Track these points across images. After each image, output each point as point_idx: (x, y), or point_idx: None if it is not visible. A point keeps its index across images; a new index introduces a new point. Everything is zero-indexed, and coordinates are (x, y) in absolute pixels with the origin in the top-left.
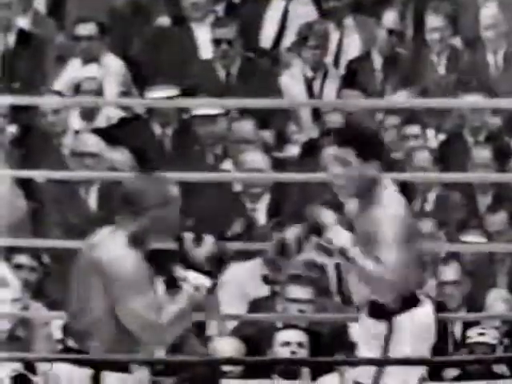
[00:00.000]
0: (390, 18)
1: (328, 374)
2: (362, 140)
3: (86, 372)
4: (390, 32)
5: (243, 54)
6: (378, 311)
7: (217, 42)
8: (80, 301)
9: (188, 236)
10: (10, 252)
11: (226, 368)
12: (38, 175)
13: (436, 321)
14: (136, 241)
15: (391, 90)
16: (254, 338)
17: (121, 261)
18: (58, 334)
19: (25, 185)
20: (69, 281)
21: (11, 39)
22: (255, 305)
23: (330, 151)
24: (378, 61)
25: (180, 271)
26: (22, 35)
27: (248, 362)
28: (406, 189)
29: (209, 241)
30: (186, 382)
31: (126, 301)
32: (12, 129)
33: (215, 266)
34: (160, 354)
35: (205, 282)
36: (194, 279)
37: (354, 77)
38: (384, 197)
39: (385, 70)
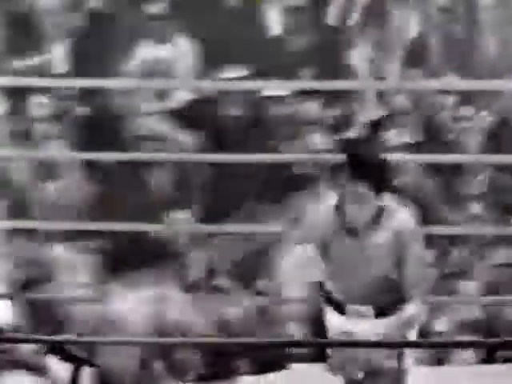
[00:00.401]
0: None
1: None
2: (376, 174)
3: None
4: (441, 10)
5: (314, 29)
6: None
7: (288, 12)
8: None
9: None
10: (79, 235)
11: (293, 351)
12: (108, 157)
13: None
14: None
15: (445, 71)
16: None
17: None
18: None
19: (94, 167)
20: None
21: (83, 19)
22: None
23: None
24: (433, 40)
25: None
26: (94, 15)
27: (314, 345)
28: (457, 170)
29: None
30: (255, 364)
31: None
32: (83, 111)
33: None
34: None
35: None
36: None
37: (412, 56)
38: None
39: (439, 49)
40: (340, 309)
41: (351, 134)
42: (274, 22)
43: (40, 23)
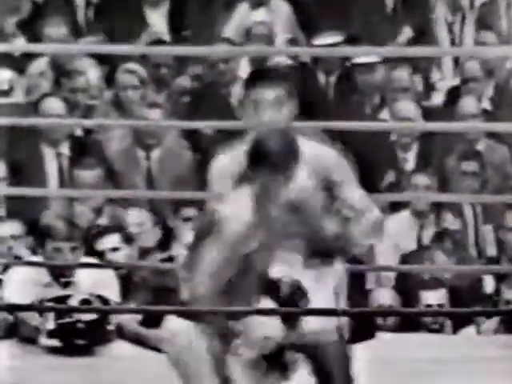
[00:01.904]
0: None
1: (467, 326)
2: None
3: None
4: None
5: None
6: None
7: None
8: None
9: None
10: (177, 205)
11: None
12: (206, 126)
13: None
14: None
15: None
16: (408, 290)
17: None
18: None
19: (192, 136)
20: None
21: None
22: (406, 257)
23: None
24: (502, 3)
25: None
26: None
27: (400, 314)
28: None
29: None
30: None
31: None
32: (182, 80)
33: None
34: None
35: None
36: None
37: (485, 20)
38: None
39: (508, 14)
40: None
41: (433, 101)
42: None
43: None
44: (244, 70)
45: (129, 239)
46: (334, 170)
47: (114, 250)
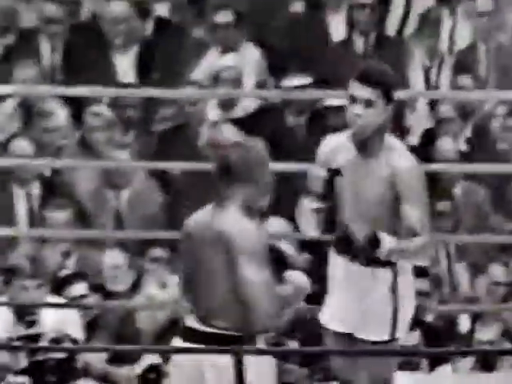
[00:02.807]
0: (483, 1)
1: (443, 364)
2: (387, 81)
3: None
4: (484, 16)
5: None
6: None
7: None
8: (204, 282)
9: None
10: (145, 245)
11: None
12: (175, 167)
13: None
14: (249, 211)
15: (495, 80)
16: None
17: (247, 233)
18: None
19: (160, 177)
20: (190, 262)
21: (149, 27)
22: None
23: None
24: (482, 49)
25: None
26: (161, 23)
27: (377, 353)
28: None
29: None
30: None
31: (250, 273)
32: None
33: None
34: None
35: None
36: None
37: (464, 65)
38: (395, 144)
39: (488, 58)
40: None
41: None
42: (338, 29)
43: (106, 32)
44: (212, 112)
45: (96, 287)
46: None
47: (81, 297)
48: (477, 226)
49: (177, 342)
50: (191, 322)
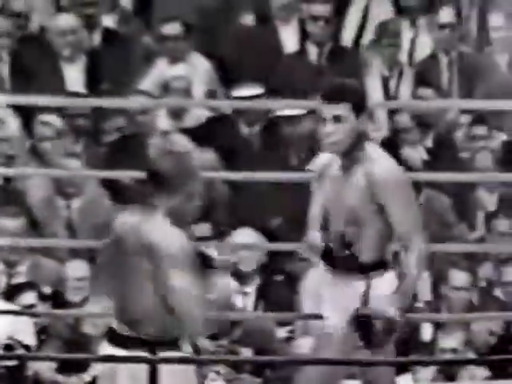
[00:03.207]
0: (445, 13)
1: (402, 373)
2: (355, 95)
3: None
4: (446, 28)
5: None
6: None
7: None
8: (128, 286)
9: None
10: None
11: None
12: (125, 176)
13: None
14: (175, 218)
15: (457, 90)
16: None
17: (171, 239)
18: None
19: (111, 186)
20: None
21: (97, 38)
22: None
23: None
24: (443, 60)
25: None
26: (108, 34)
27: (338, 363)
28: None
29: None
30: None
31: (176, 280)
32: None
33: None
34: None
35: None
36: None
37: (424, 76)
38: (376, 154)
39: (450, 69)
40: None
41: None
42: (290, 41)
43: (53, 43)
44: (162, 121)
45: (45, 297)
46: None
47: (30, 306)
48: (440, 234)
49: (105, 346)
50: (116, 325)
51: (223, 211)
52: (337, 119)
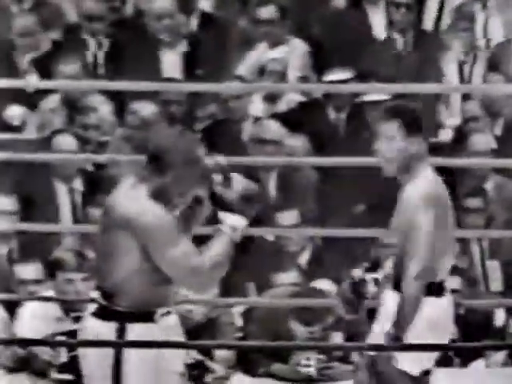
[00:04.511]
0: None
1: (475, 359)
2: (407, 115)
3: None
4: None
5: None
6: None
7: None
8: (107, 260)
9: (217, 178)
10: None
11: None
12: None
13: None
14: (158, 197)
15: None
16: None
17: (146, 213)
18: None
19: None
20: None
21: (194, 22)
22: None
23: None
24: None
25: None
26: (206, 18)
27: (412, 348)
28: None
29: (238, 180)
30: None
31: (164, 251)
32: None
33: (247, 205)
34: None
35: (241, 221)
36: (230, 221)
37: (496, 62)
38: (420, 174)
39: None
40: None
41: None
42: (379, 25)
43: (151, 28)
44: (256, 107)
45: None
46: None
47: None
48: (509, 221)
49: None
50: (96, 296)
51: (311, 198)
52: (390, 138)
